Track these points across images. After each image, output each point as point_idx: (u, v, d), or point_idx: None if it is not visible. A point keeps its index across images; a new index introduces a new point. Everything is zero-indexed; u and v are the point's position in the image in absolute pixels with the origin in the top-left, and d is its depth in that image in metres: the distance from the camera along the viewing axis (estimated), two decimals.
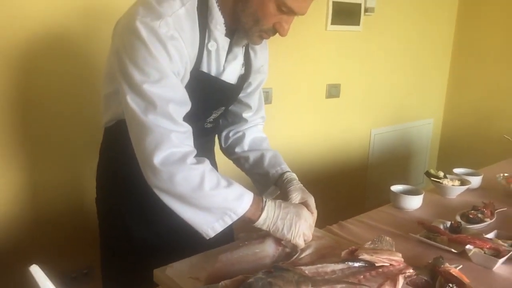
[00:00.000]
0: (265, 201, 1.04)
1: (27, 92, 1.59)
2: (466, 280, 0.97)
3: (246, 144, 1.33)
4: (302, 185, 1.20)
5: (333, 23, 2.47)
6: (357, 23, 2.60)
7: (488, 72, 3.19)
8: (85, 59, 1.68)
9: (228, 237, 1.21)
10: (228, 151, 1.37)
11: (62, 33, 1.60)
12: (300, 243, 1.07)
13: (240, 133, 1.34)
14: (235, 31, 1.11)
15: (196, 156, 1.03)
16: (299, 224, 1.05)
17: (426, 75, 3.22)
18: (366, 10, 2.59)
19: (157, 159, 0.97)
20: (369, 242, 1.11)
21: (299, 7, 1.02)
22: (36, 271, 0.73)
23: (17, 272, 1.47)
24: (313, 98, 2.56)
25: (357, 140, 2.90)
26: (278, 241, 1.07)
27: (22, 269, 0.78)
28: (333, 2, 2.42)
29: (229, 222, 1.02)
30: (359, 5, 2.56)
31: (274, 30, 1.06)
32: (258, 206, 1.03)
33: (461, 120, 3.41)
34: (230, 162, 1.39)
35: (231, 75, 1.16)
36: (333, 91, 2.63)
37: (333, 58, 2.58)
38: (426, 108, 3.34)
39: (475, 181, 1.67)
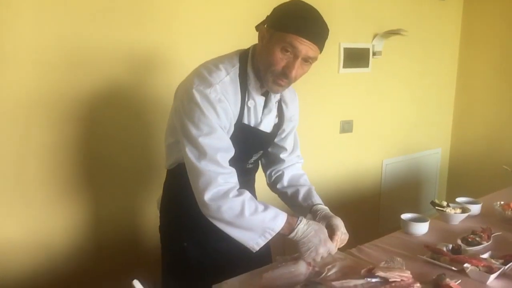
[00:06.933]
0: (299, 223, 1.27)
1: (91, 137, 1.87)
2: None
3: (285, 181, 1.58)
4: (328, 212, 1.43)
5: (344, 66, 2.74)
6: (366, 66, 2.86)
7: (491, 104, 3.37)
8: (135, 110, 1.97)
9: (267, 258, 1.47)
10: (272, 187, 1.64)
11: (117, 87, 1.90)
12: (308, 260, 1.30)
13: (280, 172, 1.60)
14: (268, 91, 1.39)
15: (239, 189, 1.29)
16: (316, 250, 1.27)
17: (432, 108, 3.42)
18: (374, 54, 2.86)
19: (207, 196, 1.25)
20: (383, 262, 1.36)
21: (300, 45, 1.20)
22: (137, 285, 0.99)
23: None
24: (328, 133, 2.81)
25: (370, 170, 3.11)
26: (309, 262, 1.31)
27: None
28: (344, 48, 2.71)
29: (269, 237, 1.27)
30: (368, 49, 2.84)
31: (285, 74, 1.26)
32: (290, 226, 1.27)
33: (467, 149, 3.56)
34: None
35: (267, 125, 1.44)
36: (346, 127, 2.88)
37: (346, 97, 2.83)
38: (434, 139, 3.53)
39: (475, 208, 1.88)
